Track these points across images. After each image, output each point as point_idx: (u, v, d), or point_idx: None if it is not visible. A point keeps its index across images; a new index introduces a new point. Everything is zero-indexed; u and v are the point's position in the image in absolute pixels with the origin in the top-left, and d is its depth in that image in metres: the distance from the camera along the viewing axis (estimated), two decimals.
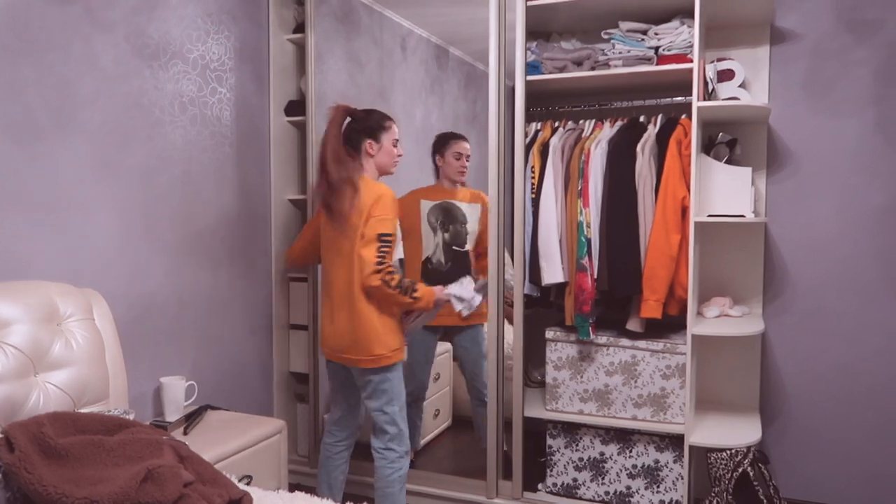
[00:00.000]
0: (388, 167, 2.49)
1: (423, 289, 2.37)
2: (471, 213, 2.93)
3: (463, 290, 2.49)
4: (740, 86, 2.66)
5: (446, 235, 2.92)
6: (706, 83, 2.49)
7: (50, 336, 1.82)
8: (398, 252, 2.38)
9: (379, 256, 2.27)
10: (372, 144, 2.43)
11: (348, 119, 2.45)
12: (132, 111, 2.36)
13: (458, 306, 2.49)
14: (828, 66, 2.68)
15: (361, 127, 2.44)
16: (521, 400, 2.66)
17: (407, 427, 2.46)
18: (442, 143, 2.91)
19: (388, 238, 2.30)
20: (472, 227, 2.93)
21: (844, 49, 2.65)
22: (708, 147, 2.73)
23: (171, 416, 2.40)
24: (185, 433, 2.34)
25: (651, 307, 2.46)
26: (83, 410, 1.85)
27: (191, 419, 2.41)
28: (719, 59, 2.70)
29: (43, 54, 2.06)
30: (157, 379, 2.47)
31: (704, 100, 2.44)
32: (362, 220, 2.31)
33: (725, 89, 2.65)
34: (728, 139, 2.71)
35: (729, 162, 2.66)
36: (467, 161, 2.90)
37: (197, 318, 2.68)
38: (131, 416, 1.84)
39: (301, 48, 3.16)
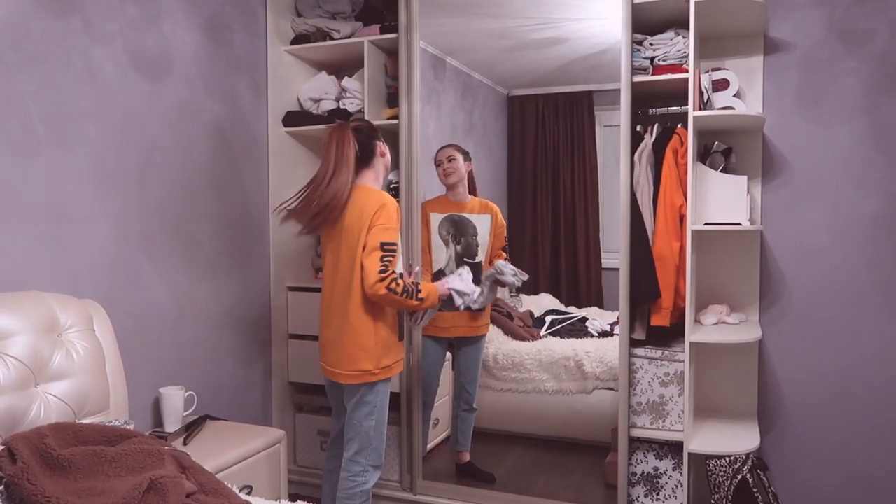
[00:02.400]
0: (389, 165, 2.51)
1: (426, 287, 2.34)
2: (481, 224, 2.95)
3: (463, 283, 2.46)
4: (735, 95, 2.69)
5: (458, 248, 2.94)
6: (701, 93, 2.52)
7: (50, 347, 1.83)
8: (398, 266, 2.33)
9: (382, 265, 2.22)
10: (382, 145, 2.43)
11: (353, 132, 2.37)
12: (131, 123, 2.37)
13: (457, 301, 2.46)
14: (820, 75, 2.71)
15: (370, 133, 2.40)
16: (627, 419, 2.59)
17: (382, 443, 2.39)
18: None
19: (392, 247, 2.25)
20: (482, 238, 2.95)
21: (836, 59, 2.69)
22: (703, 156, 2.76)
23: (171, 426, 2.39)
24: (185, 443, 2.33)
25: (663, 315, 2.49)
26: (84, 421, 1.85)
27: (190, 429, 2.41)
28: (714, 69, 2.72)
29: (41, 67, 2.07)
30: (156, 389, 2.46)
31: (700, 109, 2.47)
32: (364, 230, 2.25)
33: (720, 99, 2.68)
34: (723, 148, 2.74)
35: (724, 171, 2.69)
36: (449, 163, 2.96)
37: (196, 329, 2.68)
38: (132, 427, 1.84)
39: (299, 59, 3.19)
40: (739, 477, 2.34)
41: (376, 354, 2.30)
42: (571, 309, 3.39)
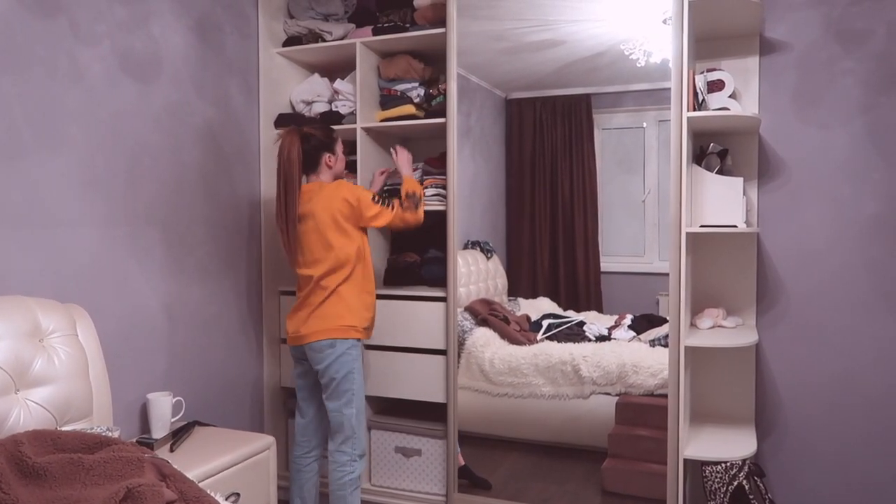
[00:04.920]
0: (341, 173, 2.66)
1: (411, 185, 2.65)
2: None
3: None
4: (730, 96, 2.66)
5: None
6: (696, 94, 2.49)
7: (32, 352, 1.80)
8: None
9: (381, 205, 2.53)
10: (331, 158, 2.57)
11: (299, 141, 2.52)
12: (118, 125, 2.35)
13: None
14: (817, 76, 2.68)
15: (319, 143, 2.54)
16: (677, 438, 2.47)
17: (363, 431, 2.51)
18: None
19: (373, 197, 2.54)
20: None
21: (833, 59, 2.66)
22: (699, 157, 2.72)
23: (158, 432, 2.36)
24: (172, 450, 2.30)
25: None
26: (66, 428, 1.82)
27: (178, 436, 2.38)
28: (709, 70, 2.69)
29: (26, 68, 2.04)
30: (144, 395, 2.43)
31: (694, 110, 2.44)
32: (339, 219, 2.47)
33: (716, 100, 2.65)
34: (719, 149, 2.71)
35: (720, 172, 2.66)
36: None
37: (185, 333, 2.65)
38: (116, 434, 1.81)
39: (291, 61, 3.17)
40: (735, 483, 2.31)
41: (355, 315, 2.49)
42: (570, 313, 3.35)
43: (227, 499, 2.03)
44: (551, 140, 3.31)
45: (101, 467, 1.53)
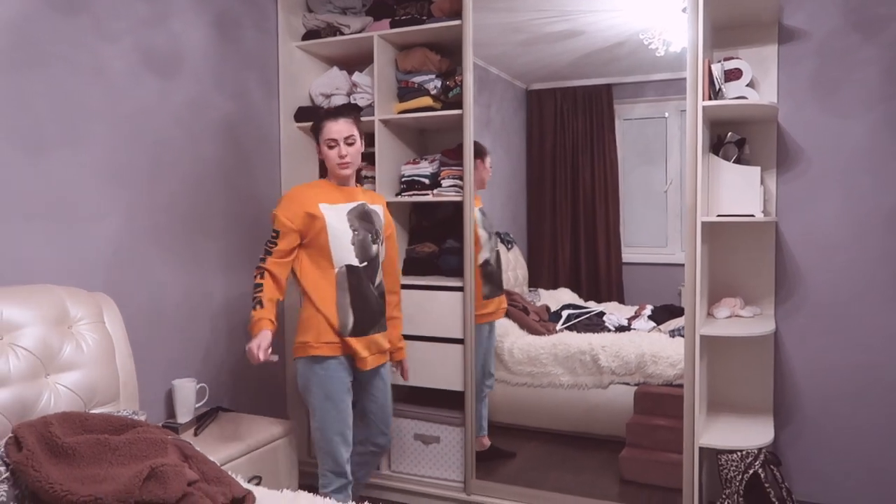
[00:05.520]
0: (333, 170, 2.38)
1: (259, 313, 2.27)
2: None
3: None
4: (748, 85, 2.64)
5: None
6: (712, 82, 2.48)
7: (60, 339, 1.87)
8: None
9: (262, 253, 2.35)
10: (318, 148, 2.40)
11: None
12: (140, 120, 2.41)
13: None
14: (836, 64, 2.65)
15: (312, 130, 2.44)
16: (693, 426, 2.47)
17: (331, 450, 2.32)
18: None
19: (273, 233, 2.32)
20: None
21: (852, 47, 2.62)
22: (717, 147, 2.72)
23: (183, 417, 2.43)
24: (196, 434, 2.37)
25: None
26: (94, 411, 1.89)
27: (202, 421, 2.45)
28: (727, 59, 2.68)
29: (51, 66, 2.11)
30: (169, 381, 2.51)
31: (710, 99, 2.43)
32: None
33: (733, 88, 2.63)
34: (737, 139, 2.69)
35: (738, 161, 2.65)
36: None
37: (208, 321, 2.72)
38: (142, 418, 1.87)
39: (310, 54, 3.21)
40: (751, 472, 2.31)
41: (308, 331, 2.33)
42: (590, 304, 3.36)
43: (248, 482, 2.09)
44: (572, 131, 3.31)
45: (127, 448, 1.59)
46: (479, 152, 2.89)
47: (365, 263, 2.37)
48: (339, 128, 2.34)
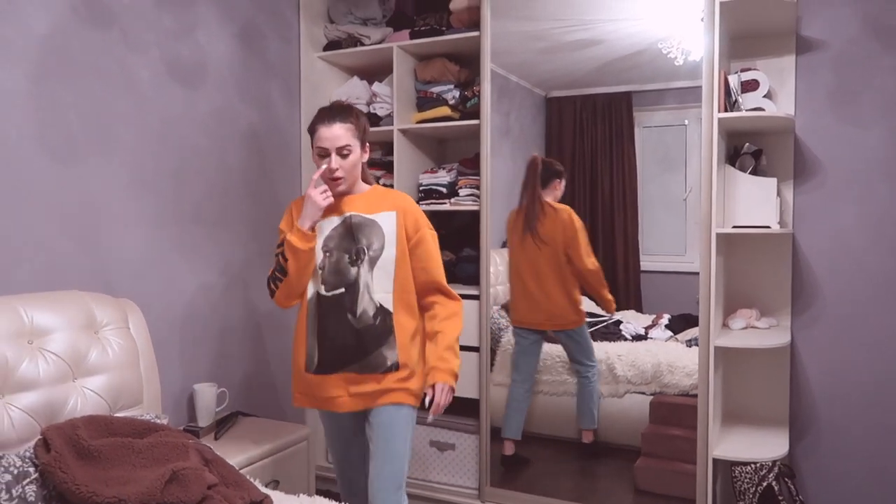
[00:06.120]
0: (330, 185, 2.04)
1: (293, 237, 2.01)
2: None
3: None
4: (765, 96, 2.65)
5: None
6: (728, 93, 2.49)
7: (87, 344, 1.93)
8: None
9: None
10: (312, 153, 2.11)
11: None
12: (166, 129, 2.48)
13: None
14: (854, 74, 2.64)
15: None
16: (706, 437, 2.48)
17: (343, 491, 2.25)
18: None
19: (278, 246, 2.10)
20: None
21: (871, 56, 2.62)
22: (733, 158, 2.72)
23: (204, 421, 2.49)
24: (216, 438, 2.42)
25: None
26: (118, 415, 1.95)
27: (222, 425, 2.50)
28: (743, 70, 2.68)
29: (82, 77, 2.18)
30: (190, 386, 2.56)
31: (725, 111, 2.44)
32: None
33: (750, 100, 2.64)
34: (753, 150, 2.69)
35: (754, 172, 2.65)
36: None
37: (229, 327, 2.77)
38: (165, 421, 1.92)
39: (331, 64, 3.27)
40: (765, 484, 2.31)
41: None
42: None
43: (266, 486, 2.13)
44: (591, 138, 3.32)
45: (150, 451, 1.64)
46: (558, 173, 2.97)
47: (340, 290, 2.05)
48: (332, 134, 2.00)
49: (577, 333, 3.06)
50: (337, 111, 2.06)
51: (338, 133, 2.01)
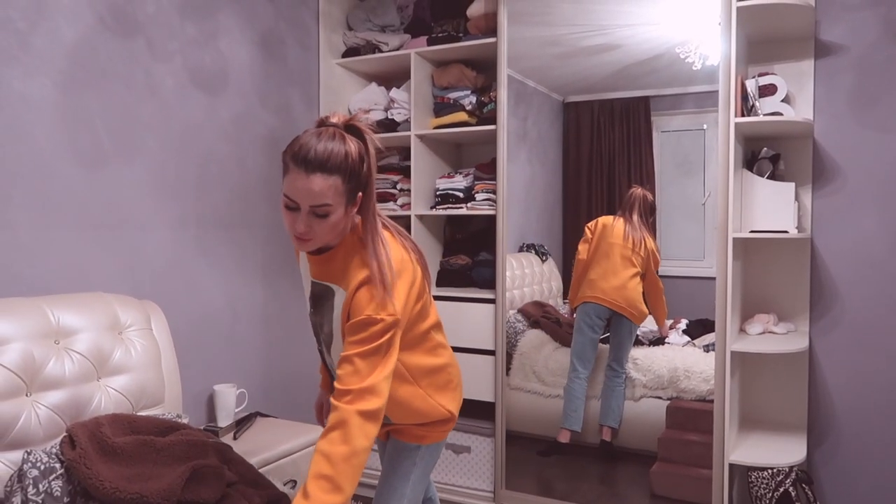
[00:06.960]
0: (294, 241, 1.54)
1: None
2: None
3: None
4: (783, 100, 2.64)
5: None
6: (746, 98, 2.48)
7: (111, 344, 1.98)
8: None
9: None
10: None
11: None
12: (189, 135, 2.53)
13: None
14: (875, 78, 2.63)
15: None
16: (722, 442, 2.47)
17: None
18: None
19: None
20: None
21: (892, 60, 2.60)
22: (751, 162, 2.71)
23: (223, 421, 2.53)
24: (235, 438, 2.46)
25: None
26: (140, 413, 1.99)
27: (241, 425, 2.54)
28: (761, 74, 2.68)
29: (108, 84, 2.24)
30: (211, 386, 2.61)
31: (742, 115, 2.44)
32: None
33: (768, 104, 2.63)
34: (771, 154, 2.69)
35: (772, 177, 2.64)
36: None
37: (249, 329, 2.82)
38: (185, 421, 1.96)
39: (350, 71, 3.31)
40: (782, 490, 2.30)
41: None
42: None
43: (284, 485, 2.17)
44: (609, 143, 3.33)
45: (171, 449, 1.68)
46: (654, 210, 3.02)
47: (322, 361, 1.87)
48: (307, 187, 1.43)
49: (631, 330, 3.07)
50: (323, 158, 1.44)
51: (317, 188, 1.43)
